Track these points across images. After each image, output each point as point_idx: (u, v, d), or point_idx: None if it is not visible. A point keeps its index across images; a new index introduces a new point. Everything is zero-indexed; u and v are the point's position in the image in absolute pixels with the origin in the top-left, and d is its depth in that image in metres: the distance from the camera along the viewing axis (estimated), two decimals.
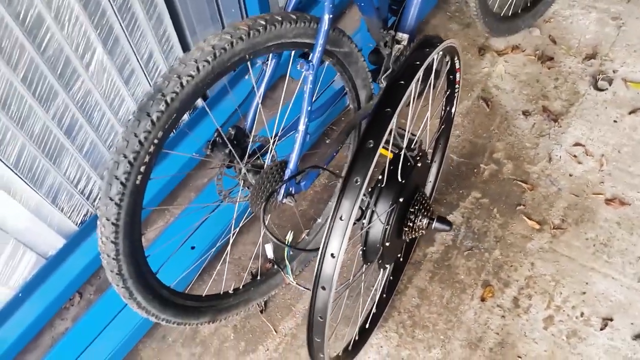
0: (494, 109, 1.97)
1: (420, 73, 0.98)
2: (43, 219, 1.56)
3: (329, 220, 0.91)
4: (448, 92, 1.43)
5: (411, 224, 1.20)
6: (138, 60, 1.59)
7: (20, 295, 1.58)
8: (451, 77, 1.38)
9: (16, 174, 1.41)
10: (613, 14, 2.18)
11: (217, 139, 1.28)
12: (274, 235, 1.12)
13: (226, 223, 1.61)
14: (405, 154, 1.13)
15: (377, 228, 1.13)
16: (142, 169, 0.99)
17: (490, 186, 1.78)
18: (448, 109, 1.47)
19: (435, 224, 1.21)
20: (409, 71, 0.97)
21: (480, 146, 1.88)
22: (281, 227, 1.70)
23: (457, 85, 1.41)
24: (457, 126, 1.92)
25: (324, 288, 0.93)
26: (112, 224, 1.01)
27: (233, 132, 1.30)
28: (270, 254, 1.54)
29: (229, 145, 1.26)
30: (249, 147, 1.32)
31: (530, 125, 1.91)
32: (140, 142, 0.97)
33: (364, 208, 1.12)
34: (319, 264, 0.92)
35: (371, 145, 0.89)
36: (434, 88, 1.66)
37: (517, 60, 2.10)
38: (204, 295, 1.38)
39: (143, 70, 1.63)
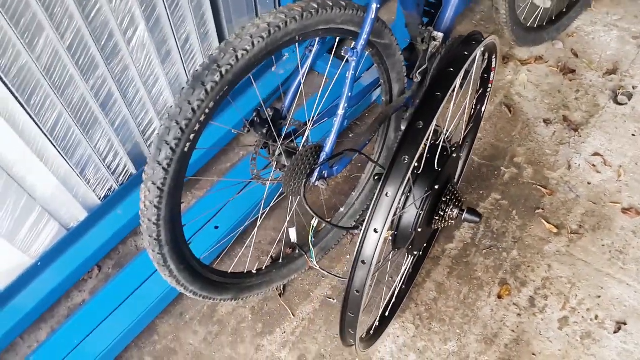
0: (516, 115, 2.01)
1: (467, 64, 1.01)
2: (70, 190, 1.58)
3: (374, 197, 0.94)
4: (480, 91, 1.46)
5: (442, 213, 1.22)
6: (176, 41, 1.61)
7: (39, 264, 1.59)
8: (485, 75, 1.41)
9: (50, 141, 1.43)
10: (634, 34, 2.23)
11: (256, 118, 1.31)
12: (314, 212, 1.14)
13: (251, 206, 1.63)
14: (444, 142, 1.16)
15: (411, 213, 1.15)
16: (192, 136, 1.01)
17: (510, 189, 1.81)
18: (478, 107, 1.50)
19: (465, 215, 1.23)
20: (458, 61, 1.00)
21: (501, 150, 1.91)
22: (303, 215, 1.72)
23: (489, 85, 1.44)
24: (480, 129, 1.95)
25: (364, 262, 0.95)
26: (158, 188, 1.02)
27: (271, 113, 1.32)
28: (293, 237, 1.57)
29: (270, 125, 1.28)
30: (284, 130, 1.34)
31: (551, 133, 1.95)
32: (193, 109, 0.99)
33: None
34: (361, 239, 0.95)
35: (420, 126, 0.92)
36: (461, 88, 1.69)
37: (539, 70, 2.14)
38: (229, 272, 1.40)
39: (179, 52, 1.65)
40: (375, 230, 0.93)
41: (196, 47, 1.70)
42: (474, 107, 1.52)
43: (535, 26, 2.14)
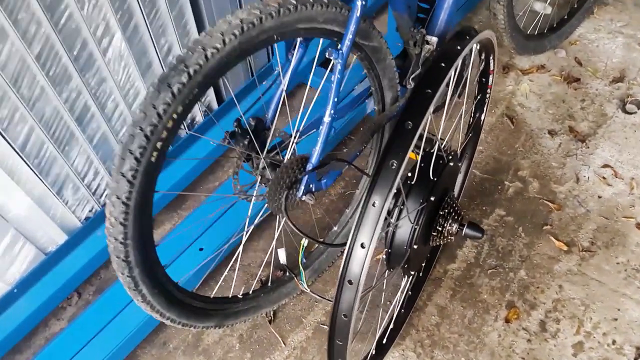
0: (518, 127, 1.91)
1: (460, 59, 0.91)
2: (46, 211, 1.49)
3: (360, 208, 0.83)
4: (479, 97, 1.36)
5: (440, 228, 1.11)
6: (157, 52, 1.54)
7: (15, 290, 1.49)
8: (483, 79, 1.32)
9: (22, 157, 1.34)
10: None
11: (237, 129, 1.21)
12: (298, 229, 1.04)
13: (238, 225, 1.53)
14: (438, 150, 1.06)
15: (405, 229, 1.05)
16: (159, 145, 0.92)
17: (515, 204, 1.70)
18: (477, 115, 1.41)
19: (466, 230, 1.12)
20: (449, 55, 0.90)
21: (504, 163, 1.80)
22: (294, 235, 1.61)
23: (488, 90, 1.35)
24: (481, 142, 1.85)
25: (350, 282, 0.84)
26: (123, 203, 0.93)
27: (253, 123, 1.23)
28: (283, 259, 1.46)
29: (250, 135, 1.19)
30: (268, 141, 1.25)
31: (557, 144, 1.84)
32: (158, 114, 0.90)
33: (391, 205, 1.04)
34: (347, 255, 0.84)
35: (410, 126, 0.82)
36: (459, 97, 1.60)
37: (542, 79, 2.05)
38: (212, 296, 1.29)
39: (161, 64, 1.57)
40: (362, 246, 0.82)
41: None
42: (472, 115, 1.43)
43: (536, 33, 2.05)
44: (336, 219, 1.64)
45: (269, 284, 1.46)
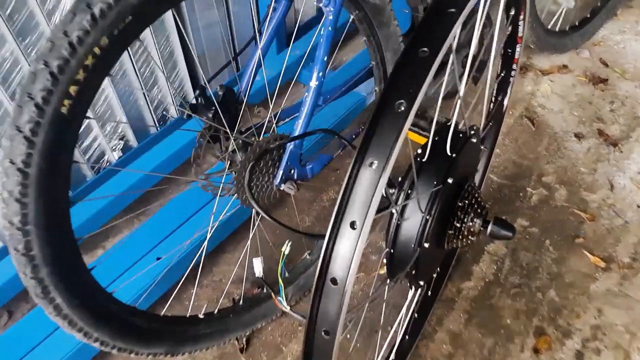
0: (540, 129, 1.66)
1: None
2: None
3: (348, 172, 0.57)
4: (502, 75, 1.12)
5: (458, 224, 0.84)
6: None
7: None
8: (509, 51, 1.07)
9: None
10: None
11: (200, 99, 0.96)
12: (269, 215, 0.77)
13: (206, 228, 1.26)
14: (456, 125, 0.80)
15: (414, 220, 0.78)
16: (73, 89, 0.66)
17: (540, 213, 1.43)
18: (500, 98, 1.16)
19: (491, 228, 0.85)
20: None
21: (525, 168, 1.54)
22: (276, 246, 1.34)
23: (514, 66, 1.10)
24: (497, 144, 1.59)
25: (334, 282, 0.57)
26: (18, 169, 0.66)
27: (221, 93, 0.98)
28: (259, 270, 1.18)
29: (216, 106, 0.93)
30: (240, 116, 1.00)
31: (585, 149, 1.59)
32: (71, 44, 0.64)
33: (394, 188, 0.78)
34: (328, 242, 0.57)
35: (426, 54, 0.56)
36: (475, 83, 1.36)
37: (564, 80, 1.82)
38: (162, 314, 1.00)
39: None
40: (353, 226, 0.55)
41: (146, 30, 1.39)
42: (493, 98, 1.18)
43: (557, 30, 1.84)
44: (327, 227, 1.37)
45: (241, 302, 1.18)
